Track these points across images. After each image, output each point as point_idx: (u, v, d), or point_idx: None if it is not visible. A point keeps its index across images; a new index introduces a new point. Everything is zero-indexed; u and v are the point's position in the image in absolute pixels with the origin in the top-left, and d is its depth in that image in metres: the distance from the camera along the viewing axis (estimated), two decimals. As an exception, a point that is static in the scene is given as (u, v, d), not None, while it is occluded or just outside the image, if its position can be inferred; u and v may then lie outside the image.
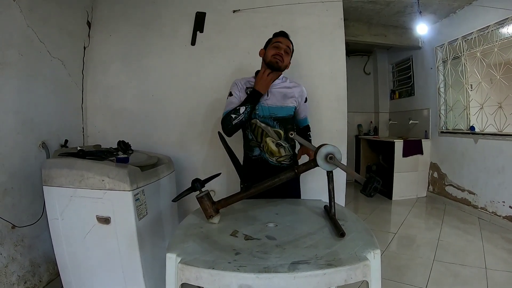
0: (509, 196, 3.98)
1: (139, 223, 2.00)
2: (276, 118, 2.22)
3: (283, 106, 2.23)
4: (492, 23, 4.13)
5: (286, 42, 2.21)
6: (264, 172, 2.07)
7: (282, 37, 2.23)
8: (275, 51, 2.17)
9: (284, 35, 2.25)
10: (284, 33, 2.26)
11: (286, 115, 2.25)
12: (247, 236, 1.31)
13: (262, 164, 2.26)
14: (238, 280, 1.02)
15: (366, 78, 7.35)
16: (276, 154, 2.24)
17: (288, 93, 2.26)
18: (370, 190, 1.34)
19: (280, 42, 2.19)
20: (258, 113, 2.20)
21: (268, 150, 2.23)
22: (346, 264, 1.07)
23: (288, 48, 2.22)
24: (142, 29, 3.28)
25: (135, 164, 2.16)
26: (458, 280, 2.74)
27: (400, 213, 4.86)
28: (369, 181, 1.35)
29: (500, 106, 4.18)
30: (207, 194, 1.49)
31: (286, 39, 2.24)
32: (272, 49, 2.19)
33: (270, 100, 2.21)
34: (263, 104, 2.20)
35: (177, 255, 1.12)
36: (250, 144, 2.29)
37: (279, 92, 2.24)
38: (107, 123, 3.28)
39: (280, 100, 2.23)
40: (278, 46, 2.18)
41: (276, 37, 2.24)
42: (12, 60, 2.31)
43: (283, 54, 2.17)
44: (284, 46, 2.19)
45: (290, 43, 2.25)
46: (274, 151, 2.23)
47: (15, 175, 2.30)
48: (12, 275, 2.21)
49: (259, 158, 2.27)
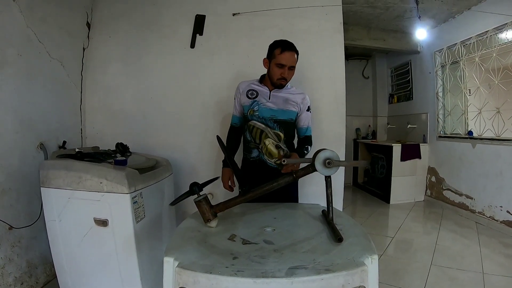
0: (507, 201, 3.99)
1: (137, 226, 2.00)
2: (277, 120, 2.22)
3: (285, 110, 2.23)
4: (490, 28, 4.15)
5: (292, 58, 2.12)
6: (262, 174, 2.07)
7: (289, 52, 2.11)
8: (279, 73, 2.13)
9: (291, 49, 2.13)
10: (291, 47, 2.14)
11: (287, 119, 2.25)
12: (245, 240, 1.31)
13: (260, 166, 2.26)
14: (235, 285, 1.02)
15: (365, 82, 7.36)
16: (275, 156, 2.22)
17: (291, 98, 2.25)
18: (379, 170, 1.37)
19: (286, 60, 2.11)
20: (257, 115, 2.21)
21: (267, 151, 2.21)
22: (344, 270, 1.07)
23: (294, 63, 2.16)
24: (141, 31, 3.29)
25: (133, 167, 2.16)
26: (455, 285, 2.74)
27: (397, 217, 4.86)
28: (375, 161, 1.37)
29: (498, 111, 4.19)
30: (205, 198, 1.49)
31: (292, 52, 2.13)
32: (276, 68, 2.13)
33: (272, 102, 2.22)
34: (263, 106, 2.21)
35: (175, 259, 1.12)
36: (249, 145, 2.29)
37: (281, 97, 2.24)
38: (106, 124, 3.27)
39: (282, 104, 2.23)
40: (283, 65, 2.12)
41: (283, 52, 2.11)
42: (11, 60, 2.32)
43: (288, 72, 2.14)
44: (289, 64, 2.12)
45: (295, 54, 2.15)
46: (274, 153, 2.21)
47: (13, 176, 2.30)
48: (9, 276, 2.21)
49: (258, 160, 2.27)
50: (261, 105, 2.21)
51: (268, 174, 2.09)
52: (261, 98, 2.23)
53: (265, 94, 2.24)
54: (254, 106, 2.23)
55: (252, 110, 2.23)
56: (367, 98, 7.38)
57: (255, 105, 2.23)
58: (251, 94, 2.26)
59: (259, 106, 2.21)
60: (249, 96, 2.25)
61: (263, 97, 2.24)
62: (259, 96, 2.24)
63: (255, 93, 2.26)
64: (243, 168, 2.34)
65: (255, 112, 2.21)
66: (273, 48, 2.17)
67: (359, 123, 7.30)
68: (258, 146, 2.23)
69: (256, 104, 2.22)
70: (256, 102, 2.23)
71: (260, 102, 2.22)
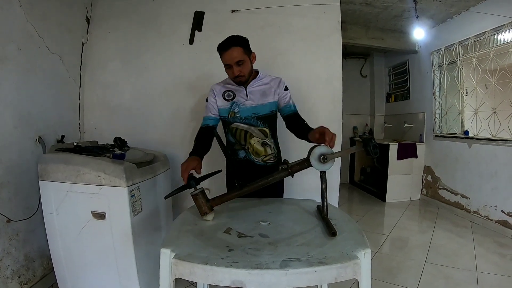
0: (502, 201, 4.02)
1: (134, 219, 2.02)
2: (259, 116, 2.16)
3: (265, 104, 2.16)
4: (488, 29, 4.17)
5: (231, 55, 1.99)
6: (250, 173, 2.04)
7: (225, 51, 2.00)
8: (231, 73, 2.05)
9: (227, 48, 1.99)
10: (226, 45, 2.00)
11: (269, 112, 2.18)
12: (241, 233, 1.33)
13: (248, 166, 2.21)
14: (230, 276, 1.04)
15: (363, 80, 7.38)
16: (262, 153, 2.19)
17: (267, 89, 2.17)
18: (372, 150, 1.40)
19: (227, 60, 2.01)
20: (239, 115, 2.15)
21: (254, 151, 2.18)
22: (337, 263, 1.09)
23: (238, 58, 2.00)
24: (141, 26, 3.30)
25: (131, 161, 2.18)
26: (449, 283, 2.78)
27: (393, 215, 4.90)
28: (366, 143, 1.40)
29: (495, 112, 4.22)
30: (202, 192, 1.51)
31: (229, 50, 1.99)
32: (227, 69, 2.06)
33: (250, 100, 2.15)
34: (243, 106, 2.14)
35: (172, 251, 1.14)
36: (235, 148, 2.23)
37: (257, 91, 2.16)
38: (104, 119, 3.29)
39: (260, 98, 2.15)
40: (229, 65, 2.02)
41: (221, 54, 2.03)
42: (11, 54, 2.33)
43: (238, 68, 2.02)
44: (234, 61, 2.00)
45: (234, 48, 1.99)
46: (260, 151, 2.19)
47: (12, 169, 2.31)
48: (6, 269, 2.22)
49: (245, 160, 2.22)
50: (240, 105, 2.14)
51: (256, 173, 2.09)
52: (239, 98, 2.15)
53: (242, 92, 2.15)
54: (234, 108, 2.15)
55: (233, 112, 2.15)
56: (365, 96, 7.41)
57: (234, 106, 2.15)
58: (228, 96, 2.17)
59: (239, 106, 2.14)
60: (226, 98, 2.17)
61: (240, 96, 2.15)
62: (236, 96, 2.16)
63: (231, 94, 2.17)
64: (230, 169, 2.27)
65: (237, 114, 2.15)
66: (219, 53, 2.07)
67: (357, 121, 7.33)
68: (244, 146, 2.19)
69: (236, 106, 2.15)
70: (235, 104, 2.15)
71: (239, 103, 2.14)
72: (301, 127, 2.02)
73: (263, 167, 2.22)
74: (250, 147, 2.17)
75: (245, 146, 2.18)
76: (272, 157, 2.24)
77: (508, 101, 4.00)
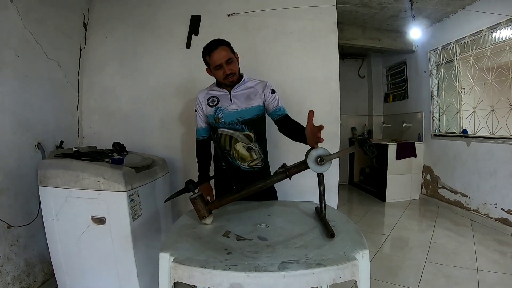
0: (501, 199, 4.03)
1: (134, 223, 2.02)
2: (244, 121, 2.11)
3: (249, 108, 2.11)
4: (484, 27, 4.18)
5: (221, 54, 2.00)
6: (237, 180, 1.96)
7: (214, 51, 2.00)
8: (222, 73, 2.03)
9: (215, 48, 2.00)
10: (214, 46, 2.01)
11: (253, 116, 2.13)
12: (239, 236, 1.34)
13: (234, 172, 2.13)
14: (229, 279, 1.04)
15: (361, 81, 7.39)
16: (248, 158, 2.15)
17: (251, 92, 2.14)
18: (369, 150, 1.42)
19: (217, 59, 2.00)
20: (224, 121, 2.11)
21: (239, 156, 2.13)
22: (335, 264, 1.09)
23: (228, 56, 2.02)
24: (137, 31, 3.31)
25: (129, 166, 2.18)
26: (450, 281, 2.78)
27: (393, 215, 4.91)
28: (362, 144, 1.42)
29: (492, 110, 4.23)
30: (200, 196, 1.51)
31: (218, 49, 2.01)
32: (217, 71, 2.05)
33: (234, 104, 2.11)
34: (227, 111, 2.11)
35: (170, 255, 1.14)
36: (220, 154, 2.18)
37: (241, 94, 2.13)
38: (102, 124, 3.30)
39: (245, 102, 2.12)
40: (219, 65, 2.01)
41: (211, 55, 2.02)
42: (9, 60, 2.34)
43: (229, 66, 2.02)
44: (224, 60, 2.00)
45: (224, 47, 2.02)
46: (246, 156, 2.14)
47: (11, 175, 2.32)
48: (7, 275, 2.23)
49: (231, 166, 2.17)
50: (224, 110, 2.10)
51: (243, 179, 2.04)
52: (223, 103, 2.12)
53: (226, 97, 2.13)
54: (218, 113, 2.12)
55: (217, 118, 2.12)
56: (363, 97, 7.41)
57: (218, 112, 2.11)
58: (212, 102, 2.14)
59: (223, 111, 2.11)
60: (210, 104, 2.15)
61: (224, 101, 2.13)
62: (220, 101, 2.13)
63: (215, 100, 2.14)
64: (217, 177, 2.25)
65: (221, 119, 2.11)
66: (204, 57, 2.08)
67: (355, 122, 7.34)
68: (230, 152, 2.15)
69: (220, 111, 2.11)
70: (219, 109, 2.12)
71: (223, 108, 2.11)
72: (294, 128, 1.99)
73: (249, 172, 2.16)
74: (235, 153, 2.13)
75: (230, 151, 2.14)
76: (259, 162, 2.19)
77: (505, 99, 4.01)
